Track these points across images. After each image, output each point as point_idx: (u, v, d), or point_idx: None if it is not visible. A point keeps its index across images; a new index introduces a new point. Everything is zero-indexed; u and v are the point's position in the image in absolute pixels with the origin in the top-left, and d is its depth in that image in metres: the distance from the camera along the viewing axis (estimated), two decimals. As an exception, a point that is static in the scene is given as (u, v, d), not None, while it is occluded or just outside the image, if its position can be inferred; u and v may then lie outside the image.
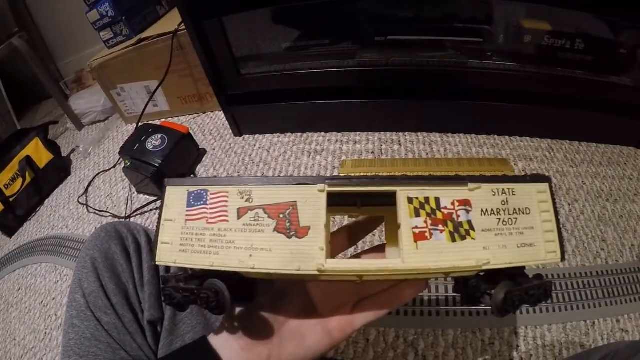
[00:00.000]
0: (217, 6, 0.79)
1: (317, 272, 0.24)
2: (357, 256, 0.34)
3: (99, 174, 1.11)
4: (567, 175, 0.87)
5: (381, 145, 0.88)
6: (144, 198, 0.98)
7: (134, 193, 1.00)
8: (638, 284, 0.75)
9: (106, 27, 1.13)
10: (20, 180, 1.07)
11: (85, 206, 1.04)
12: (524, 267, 0.26)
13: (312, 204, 0.25)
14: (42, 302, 0.88)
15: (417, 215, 0.24)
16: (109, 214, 0.98)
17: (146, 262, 0.43)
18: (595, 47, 0.86)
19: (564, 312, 0.71)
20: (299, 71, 0.85)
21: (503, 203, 0.25)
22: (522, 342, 0.66)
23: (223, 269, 0.25)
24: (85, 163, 1.17)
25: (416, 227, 0.24)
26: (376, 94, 0.85)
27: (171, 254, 0.26)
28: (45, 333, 0.81)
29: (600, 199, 0.86)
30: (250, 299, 0.31)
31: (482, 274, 0.26)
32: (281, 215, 0.25)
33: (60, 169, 1.17)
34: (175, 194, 0.27)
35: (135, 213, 0.95)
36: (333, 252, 0.31)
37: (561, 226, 0.26)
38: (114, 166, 1.10)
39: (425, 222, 0.24)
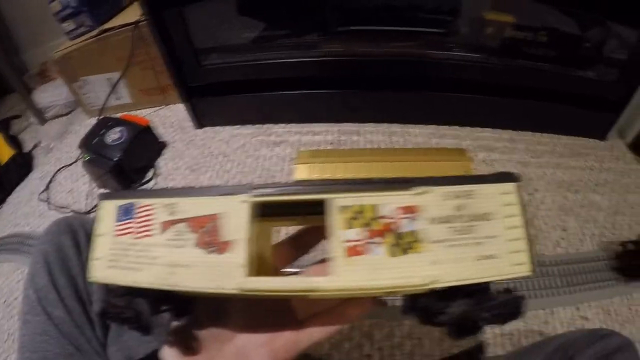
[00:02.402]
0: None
1: (238, 292, 0.22)
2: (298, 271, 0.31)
3: (60, 169, 1.07)
4: (528, 166, 0.88)
5: (340, 137, 0.87)
6: (105, 193, 0.96)
7: (94, 188, 0.98)
8: (598, 272, 0.76)
9: (69, 17, 1.10)
10: (-20, 177, 1.04)
11: (46, 203, 1.01)
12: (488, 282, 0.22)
13: (234, 216, 0.22)
14: (5, 302, 0.85)
15: (351, 226, 0.21)
16: (69, 210, 0.96)
17: None
18: (558, 40, 0.87)
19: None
20: (260, 62, 0.84)
21: (458, 208, 0.22)
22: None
23: (146, 286, 0.23)
24: (48, 158, 1.14)
25: (349, 241, 0.21)
26: (337, 84, 0.84)
27: (102, 270, 0.25)
28: (9, 334, 0.79)
29: (561, 189, 0.87)
30: (187, 312, 0.29)
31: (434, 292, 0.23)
32: (202, 229, 0.23)
33: (22, 165, 1.14)
34: (107, 208, 0.26)
35: (95, 209, 0.93)
36: (278, 264, 0.30)
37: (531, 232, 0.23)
38: (76, 161, 1.07)
39: (361, 234, 0.21)
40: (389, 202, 0.22)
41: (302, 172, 0.67)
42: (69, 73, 1.11)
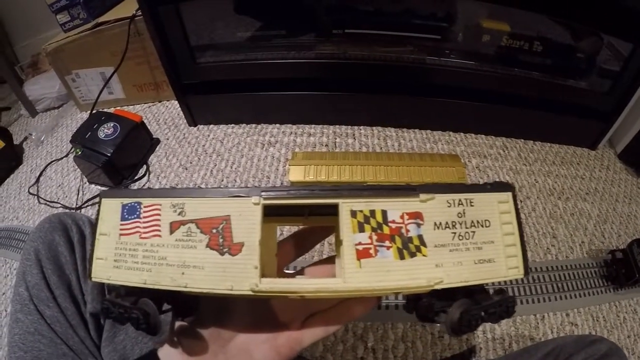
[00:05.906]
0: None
1: (250, 293, 0.22)
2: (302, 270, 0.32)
3: (50, 163, 1.06)
4: (520, 173, 0.89)
5: (335, 139, 0.87)
6: (96, 188, 0.94)
7: (85, 183, 0.97)
8: (588, 280, 0.77)
9: (63, 9, 1.08)
10: (-31, 169, 1.02)
11: (36, 197, 0.99)
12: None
13: (246, 218, 0.23)
14: (-9, 295, 0.83)
15: (361, 230, 0.22)
16: (59, 205, 0.94)
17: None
18: (552, 50, 0.88)
19: (514, 306, 0.71)
20: (255, 61, 0.83)
21: (459, 215, 0.23)
22: (471, 335, 0.66)
23: (155, 287, 0.23)
24: (38, 152, 1.13)
25: (359, 244, 0.22)
26: (332, 86, 0.84)
27: (105, 269, 0.25)
28: (-3, 327, 0.77)
29: (552, 197, 0.88)
30: (193, 312, 0.29)
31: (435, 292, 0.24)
32: (214, 230, 0.23)
33: (11, 157, 1.12)
34: (110, 207, 0.25)
35: (87, 204, 0.92)
36: (279, 262, 0.30)
37: (524, 238, 0.24)
38: (66, 155, 1.05)
39: (370, 237, 0.22)
40: (397, 208, 0.23)
41: (296, 174, 0.67)
42: (61, 66, 1.09)
